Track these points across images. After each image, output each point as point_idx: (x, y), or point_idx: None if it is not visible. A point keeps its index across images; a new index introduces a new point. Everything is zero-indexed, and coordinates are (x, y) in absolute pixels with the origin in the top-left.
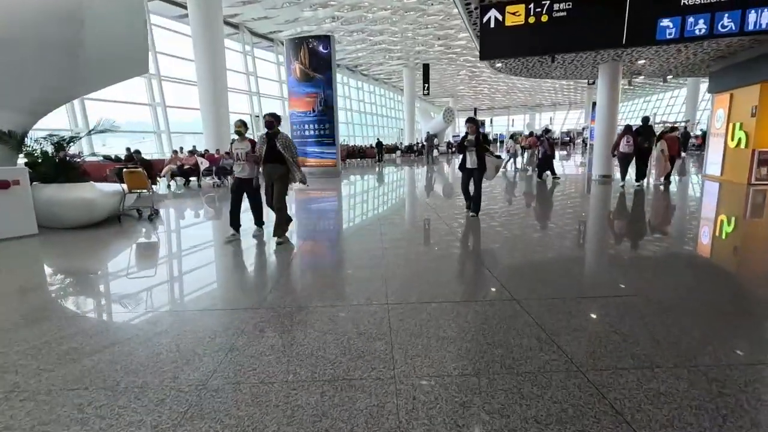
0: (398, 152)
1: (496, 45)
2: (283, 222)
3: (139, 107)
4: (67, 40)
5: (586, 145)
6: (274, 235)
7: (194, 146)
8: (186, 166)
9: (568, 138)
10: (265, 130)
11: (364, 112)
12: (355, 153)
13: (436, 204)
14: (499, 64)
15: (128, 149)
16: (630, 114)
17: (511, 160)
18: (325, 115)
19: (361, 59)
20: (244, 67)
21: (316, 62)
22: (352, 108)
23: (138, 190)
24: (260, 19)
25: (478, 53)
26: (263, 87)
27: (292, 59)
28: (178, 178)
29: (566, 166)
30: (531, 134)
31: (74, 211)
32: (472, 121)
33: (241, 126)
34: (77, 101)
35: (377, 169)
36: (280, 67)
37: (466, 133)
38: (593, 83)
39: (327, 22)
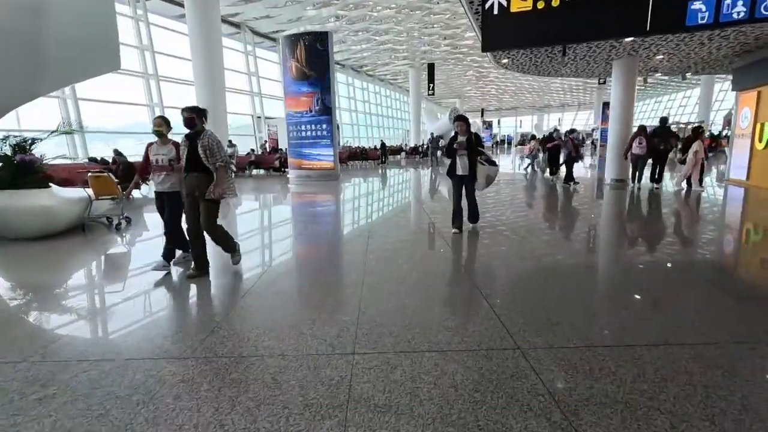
0: (403, 153)
1: (500, 34)
2: (225, 247)
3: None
4: (28, 32)
5: (595, 146)
6: (191, 271)
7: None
8: None
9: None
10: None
11: (369, 113)
12: (357, 154)
13: (435, 211)
14: (505, 60)
15: (115, 151)
16: (641, 115)
17: (532, 162)
18: (323, 115)
19: (366, 59)
20: (246, 67)
21: (313, 60)
22: (357, 109)
23: (106, 197)
24: (262, 18)
25: (489, 59)
26: (266, 87)
27: (288, 57)
28: None
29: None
30: (534, 137)
31: (31, 219)
32: (462, 120)
33: (162, 124)
34: (71, 101)
35: (380, 171)
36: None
37: (456, 134)
38: (604, 82)
39: (331, 21)
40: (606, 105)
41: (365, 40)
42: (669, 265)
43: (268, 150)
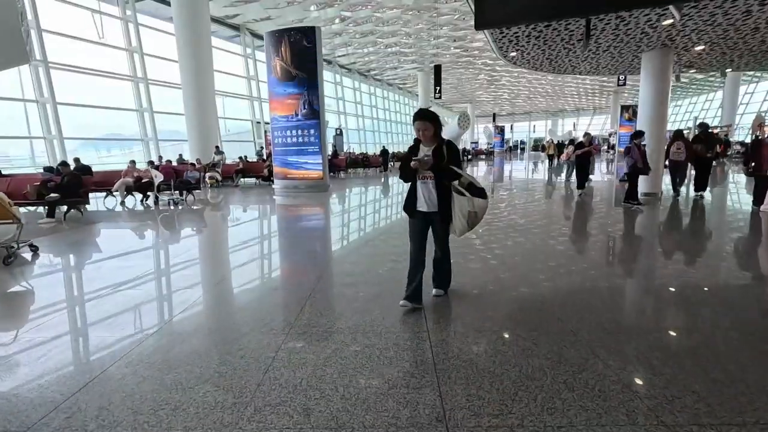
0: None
1: (498, 7)
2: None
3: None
4: None
5: (613, 151)
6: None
7: (180, 156)
8: (144, 180)
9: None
10: None
11: (377, 118)
12: (358, 162)
13: None
14: (514, 53)
15: (76, 160)
16: (671, 118)
17: (569, 170)
18: (310, 119)
19: (373, 63)
20: (245, 70)
21: (298, 58)
22: (363, 114)
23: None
24: (263, 20)
25: (494, 51)
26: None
27: (272, 55)
28: (137, 194)
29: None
30: (572, 141)
31: None
32: (425, 118)
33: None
34: (49, 106)
35: (379, 180)
36: None
37: (417, 141)
38: (624, 83)
39: (336, 23)
40: (624, 108)
41: (371, 43)
42: None
43: (265, 157)
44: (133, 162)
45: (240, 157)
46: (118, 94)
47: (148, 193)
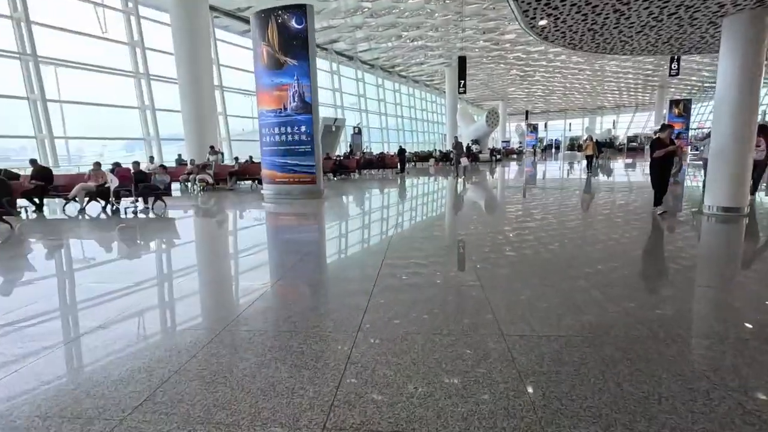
0: (432, 160)
1: None
2: None
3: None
4: None
5: (698, 151)
6: None
7: (179, 156)
8: (107, 185)
9: (636, 144)
10: None
11: (402, 116)
12: (373, 162)
13: (419, 271)
14: (543, 21)
15: (32, 161)
16: (698, 117)
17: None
18: (301, 114)
19: (397, 58)
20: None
21: (287, 42)
22: (387, 112)
23: None
24: None
25: (518, 20)
26: None
27: (258, 40)
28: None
29: (639, 183)
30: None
31: None
32: None
33: None
34: (39, 103)
35: (393, 183)
36: None
37: None
38: (676, 72)
39: (359, 14)
40: (674, 103)
41: (395, 37)
42: None
43: None
44: (97, 164)
45: (235, 158)
46: (120, 92)
47: (111, 200)
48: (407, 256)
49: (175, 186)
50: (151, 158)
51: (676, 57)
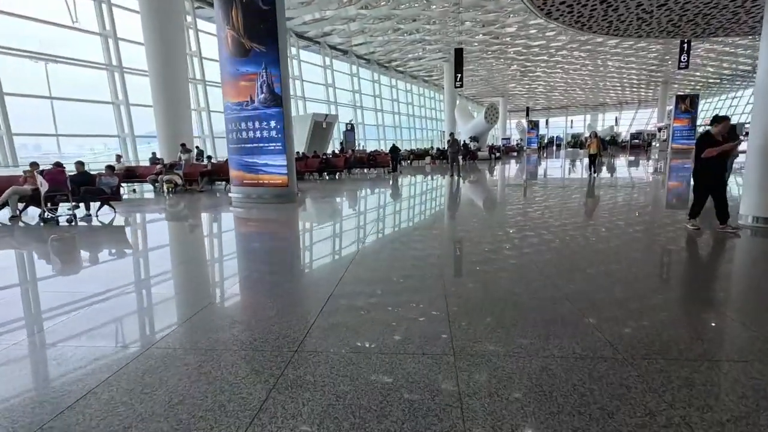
0: (428, 158)
1: None
2: None
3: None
4: None
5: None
6: None
7: (153, 154)
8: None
9: (639, 141)
10: None
11: (399, 113)
12: (364, 161)
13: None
14: None
15: None
16: (716, 112)
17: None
18: (270, 107)
19: (394, 53)
20: None
21: (253, 26)
22: (382, 108)
23: None
24: None
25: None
26: None
27: (222, 24)
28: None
29: (648, 185)
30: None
31: None
32: None
33: None
34: None
35: (383, 184)
36: (292, 60)
37: None
38: (686, 65)
39: (352, 4)
40: (681, 99)
41: (390, 30)
42: None
43: None
44: (34, 164)
45: (208, 157)
46: (95, 86)
47: (42, 206)
48: (361, 292)
49: (149, 188)
50: (118, 157)
51: (686, 49)
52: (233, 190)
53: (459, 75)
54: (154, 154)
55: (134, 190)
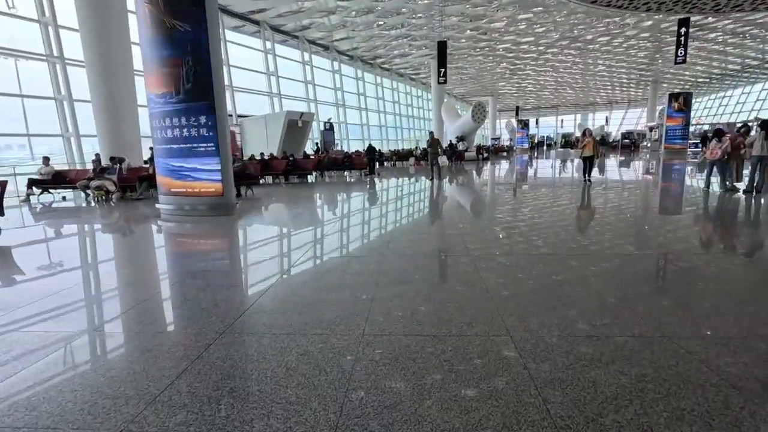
0: (412, 159)
1: None
2: None
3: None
4: None
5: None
6: None
7: (97, 155)
8: None
9: (629, 140)
10: None
11: (384, 111)
12: (339, 162)
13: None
14: None
15: None
16: (705, 112)
17: (723, 173)
18: (198, 101)
19: (378, 49)
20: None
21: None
22: (367, 107)
23: None
24: None
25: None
26: (243, 80)
27: None
28: None
29: (644, 187)
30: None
31: None
32: None
33: None
34: None
35: (356, 188)
36: (267, 55)
37: None
38: (683, 59)
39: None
40: (673, 97)
41: (374, 24)
42: None
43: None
44: None
45: (146, 160)
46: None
47: None
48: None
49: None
50: (46, 159)
51: (682, 42)
52: (161, 199)
53: (443, 69)
54: (97, 155)
55: (64, 198)
